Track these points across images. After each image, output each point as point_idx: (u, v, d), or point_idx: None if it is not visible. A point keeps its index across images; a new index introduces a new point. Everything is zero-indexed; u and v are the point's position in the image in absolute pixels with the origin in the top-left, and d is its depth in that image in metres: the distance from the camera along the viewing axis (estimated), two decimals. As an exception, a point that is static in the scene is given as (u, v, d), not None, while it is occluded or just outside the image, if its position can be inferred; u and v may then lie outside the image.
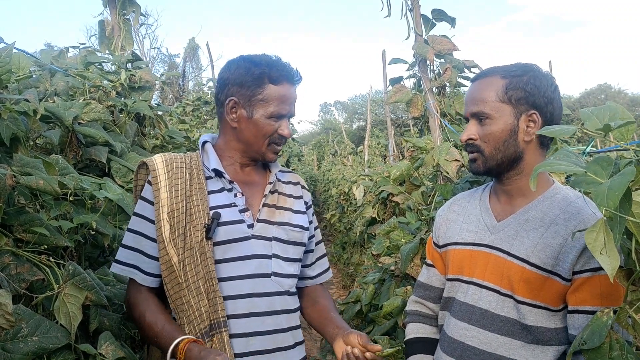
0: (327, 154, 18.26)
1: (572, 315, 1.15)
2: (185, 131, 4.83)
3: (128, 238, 1.32)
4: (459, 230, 1.35)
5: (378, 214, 3.93)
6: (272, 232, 1.34)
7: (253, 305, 1.28)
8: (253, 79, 1.30)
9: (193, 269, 1.25)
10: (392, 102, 2.56)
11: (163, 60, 19.05)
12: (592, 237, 0.84)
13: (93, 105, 2.04)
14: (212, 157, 1.36)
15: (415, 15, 2.52)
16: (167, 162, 1.34)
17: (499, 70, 1.24)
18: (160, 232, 1.27)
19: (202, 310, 1.24)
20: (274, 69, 1.31)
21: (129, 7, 2.92)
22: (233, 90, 1.33)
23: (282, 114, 1.32)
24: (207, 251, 1.26)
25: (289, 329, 1.33)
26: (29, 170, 1.37)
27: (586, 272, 1.12)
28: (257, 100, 1.31)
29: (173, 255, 1.26)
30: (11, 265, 1.26)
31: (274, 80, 1.31)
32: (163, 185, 1.30)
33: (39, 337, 1.19)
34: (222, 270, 1.27)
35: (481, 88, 1.25)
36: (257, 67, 1.31)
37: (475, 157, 1.27)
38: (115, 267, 1.31)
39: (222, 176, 1.35)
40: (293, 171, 1.56)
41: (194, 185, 1.32)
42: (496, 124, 1.21)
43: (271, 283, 1.31)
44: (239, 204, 1.33)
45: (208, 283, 1.25)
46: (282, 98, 1.31)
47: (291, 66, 1.36)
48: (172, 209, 1.28)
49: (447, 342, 1.30)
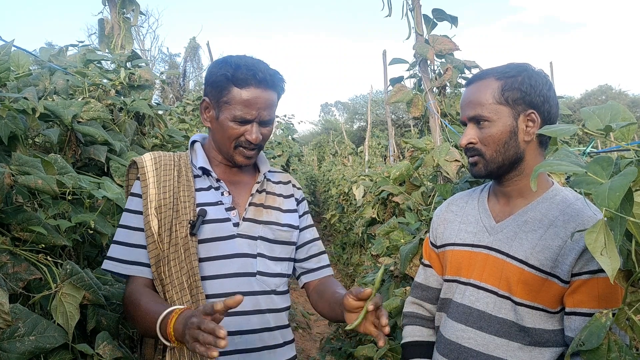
0: (328, 154, 18.28)
1: (569, 317, 1.15)
2: (185, 130, 4.82)
3: (120, 234, 1.31)
4: (457, 231, 1.34)
5: (378, 214, 3.92)
6: (258, 232, 1.34)
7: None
8: (220, 80, 1.29)
9: (177, 265, 1.26)
10: (392, 102, 2.55)
11: (164, 59, 19.07)
12: (592, 238, 0.83)
13: (92, 104, 2.03)
14: (200, 156, 1.37)
15: (416, 14, 2.52)
16: (156, 160, 1.36)
17: (493, 72, 1.24)
18: (149, 226, 1.28)
19: (184, 306, 1.23)
20: (239, 71, 1.27)
21: (128, 5, 2.91)
22: (207, 91, 1.34)
23: (246, 119, 1.29)
24: (190, 247, 1.26)
25: (276, 328, 1.33)
26: (28, 169, 1.37)
27: (584, 274, 1.12)
28: (222, 102, 1.30)
29: (160, 249, 1.27)
30: (8, 264, 1.26)
31: (239, 83, 1.27)
32: (151, 181, 1.31)
33: (36, 336, 1.19)
34: (207, 269, 1.27)
35: (477, 91, 1.24)
36: (224, 68, 1.29)
37: (476, 161, 1.26)
38: (107, 263, 1.29)
39: (209, 174, 1.36)
40: (284, 171, 1.56)
41: (181, 182, 1.33)
42: (495, 127, 1.21)
43: (256, 282, 1.31)
44: (225, 203, 1.34)
45: (191, 279, 1.25)
46: (246, 102, 1.27)
47: (265, 70, 1.30)
48: (159, 204, 1.29)
49: (443, 343, 1.29)
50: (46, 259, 1.34)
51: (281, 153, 8.25)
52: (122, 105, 2.34)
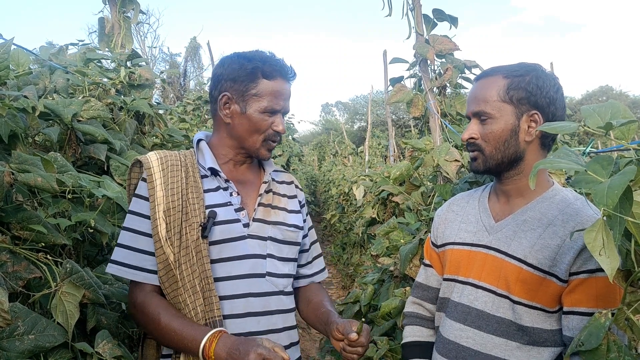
0: (328, 154, 18.28)
1: (567, 317, 1.15)
2: (185, 130, 4.82)
3: (125, 237, 1.29)
4: (457, 231, 1.34)
5: (378, 215, 3.92)
6: (267, 232, 1.34)
7: (249, 305, 1.27)
8: (246, 74, 1.30)
9: (189, 268, 1.24)
10: (392, 102, 2.55)
11: (164, 59, 19.05)
12: (592, 237, 0.83)
13: (92, 103, 2.03)
14: (207, 156, 1.35)
15: (416, 14, 2.52)
16: (162, 160, 1.32)
17: (502, 69, 1.24)
18: (156, 231, 1.25)
19: (197, 309, 1.23)
20: (267, 64, 1.31)
21: (128, 4, 2.91)
22: (226, 86, 1.32)
23: (275, 109, 1.32)
24: (202, 250, 1.25)
25: (283, 329, 1.33)
26: (27, 167, 1.37)
27: (583, 274, 1.12)
28: (250, 95, 1.30)
29: (169, 253, 1.25)
30: (8, 263, 1.26)
31: (268, 75, 1.31)
32: (158, 183, 1.29)
33: (36, 335, 1.19)
34: (218, 270, 1.27)
35: (483, 87, 1.24)
36: (250, 62, 1.31)
37: (475, 156, 1.27)
38: (112, 267, 1.27)
39: (218, 175, 1.34)
40: (286, 171, 1.56)
41: (189, 184, 1.31)
42: (497, 124, 1.21)
43: (266, 283, 1.31)
44: (234, 203, 1.33)
45: (204, 282, 1.24)
46: (275, 93, 1.31)
47: (285, 62, 1.36)
48: (168, 207, 1.27)
49: (442, 343, 1.29)
50: (46, 257, 1.34)
51: (281, 153, 8.24)
52: (122, 104, 2.33)
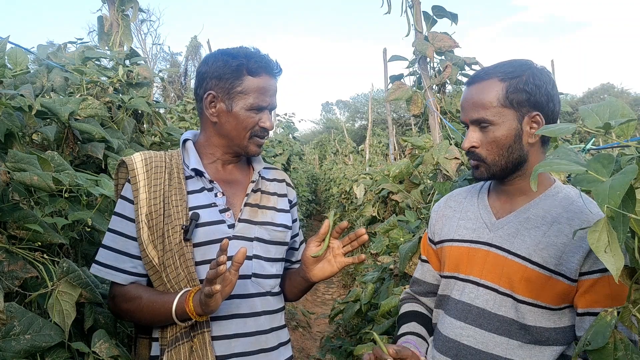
0: (329, 152, 18.28)
1: (582, 318, 1.12)
2: (185, 129, 4.81)
3: (108, 238, 1.30)
4: (456, 227, 1.33)
5: (378, 213, 3.91)
6: (254, 232, 1.32)
7: (235, 307, 1.26)
8: (231, 71, 1.29)
9: (174, 271, 1.24)
10: (391, 99, 2.54)
11: (165, 58, 19.04)
12: (595, 237, 0.82)
13: (90, 101, 2.02)
14: (192, 156, 1.34)
15: (416, 12, 2.50)
16: (147, 161, 1.32)
17: (496, 71, 1.20)
18: (140, 234, 1.26)
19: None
20: (251, 60, 1.30)
21: (127, 3, 2.90)
22: (211, 84, 1.31)
23: (262, 106, 1.31)
24: (186, 253, 1.24)
25: (271, 330, 1.32)
26: (24, 166, 1.36)
27: (596, 273, 1.10)
28: (235, 92, 1.29)
29: (154, 256, 1.25)
30: (4, 262, 1.25)
31: (252, 72, 1.29)
32: (142, 185, 1.29)
33: (32, 335, 1.18)
34: (203, 272, 1.24)
35: (480, 92, 1.20)
36: (234, 59, 1.29)
37: (477, 165, 1.24)
38: (94, 267, 1.28)
39: (202, 175, 1.33)
40: (278, 168, 1.54)
41: (173, 185, 1.30)
42: (499, 130, 1.18)
43: (251, 284, 1.30)
44: (219, 204, 1.31)
45: (190, 285, 1.23)
46: (261, 90, 1.30)
47: (270, 58, 1.34)
48: (150, 210, 1.26)
49: (441, 341, 1.27)
50: (43, 257, 1.33)
51: (282, 151, 8.24)
52: (120, 102, 2.32)
